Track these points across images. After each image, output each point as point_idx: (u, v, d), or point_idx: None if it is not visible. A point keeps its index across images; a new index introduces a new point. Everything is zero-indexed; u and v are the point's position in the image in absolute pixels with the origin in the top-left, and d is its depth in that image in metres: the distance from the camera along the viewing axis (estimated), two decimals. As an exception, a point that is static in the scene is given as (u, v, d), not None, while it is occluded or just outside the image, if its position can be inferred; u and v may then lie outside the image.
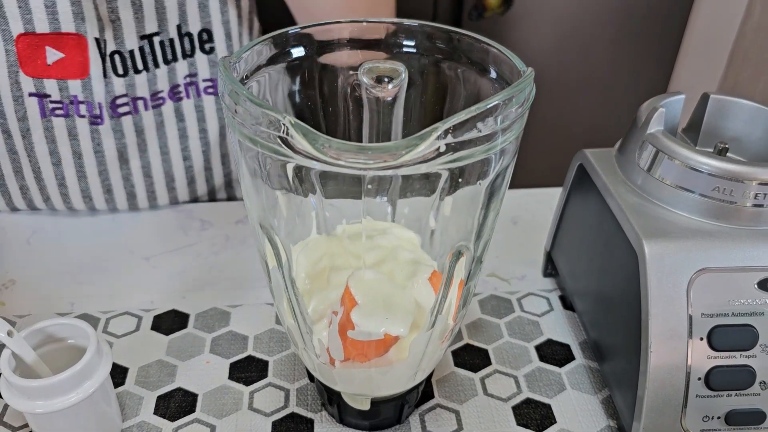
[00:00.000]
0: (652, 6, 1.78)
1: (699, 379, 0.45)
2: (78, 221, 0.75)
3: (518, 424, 0.52)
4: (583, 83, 1.88)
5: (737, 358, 0.45)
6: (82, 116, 0.68)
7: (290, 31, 0.45)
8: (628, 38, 1.83)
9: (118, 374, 0.55)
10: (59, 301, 0.63)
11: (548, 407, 0.53)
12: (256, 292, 0.64)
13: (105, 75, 0.66)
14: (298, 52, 0.46)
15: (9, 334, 0.45)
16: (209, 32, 0.70)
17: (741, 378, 0.45)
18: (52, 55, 0.64)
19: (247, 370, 0.56)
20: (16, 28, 0.63)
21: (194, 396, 0.54)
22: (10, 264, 0.68)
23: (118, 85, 0.68)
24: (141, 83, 0.69)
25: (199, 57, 0.71)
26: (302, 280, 0.47)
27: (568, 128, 1.91)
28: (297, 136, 0.33)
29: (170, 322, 0.61)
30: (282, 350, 0.58)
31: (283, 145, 0.34)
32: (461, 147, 0.34)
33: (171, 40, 0.68)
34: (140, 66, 0.68)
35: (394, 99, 0.45)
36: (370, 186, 0.45)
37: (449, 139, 0.34)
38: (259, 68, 0.44)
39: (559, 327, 0.61)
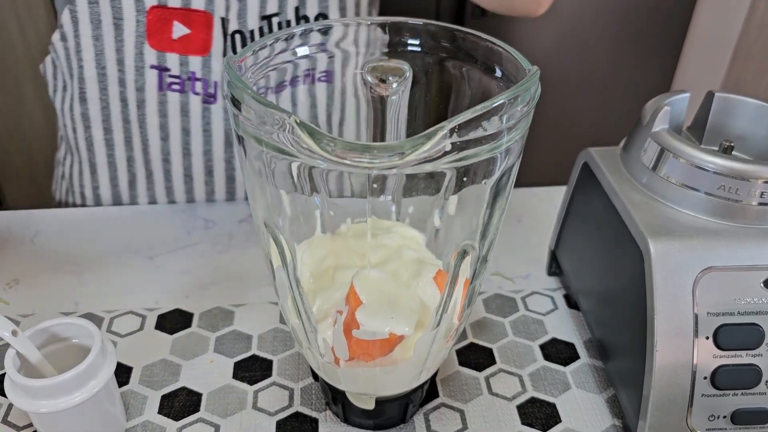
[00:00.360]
0: (654, 4, 1.78)
1: (705, 378, 0.45)
2: (81, 220, 0.75)
3: (523, 423, 0.52)
4: (586, 81, 1.88)
5: (743, 357, 0.45)
6: (197, 93, 0.70)
7: (295, 30, 0.45)
8: (631, 36, 1.83)
9: (123, 373, 0.55)
10: (63, 300, 0.63)
11: (553, 406, 0.53)
12: (260, 290, 0.64)
13: (224, 54, 0.68)
14: (303, 51, 0.46)
15: (13, 333, 0.45)
16: (326, 17, 0.71)
17: (747, 377, 0.45)
18: (179, 30, 0.67)
19: (252, 370, 0.56)
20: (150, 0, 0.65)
21: (198, 395, 0.54)
22: (14, 263, 0.68)
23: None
24: None
25: None
26: (307, 279, 0.47)
27: (571, 126, 1.91)
28: (302, 135, 0.33)
29: (174, 321, 0.61)
30: (286, 349, 0.58)
31: (288, 144, 0.34)
32: (467, 146, 0.34)
33: (288, 22, 0.69)
34: None
35: (399, 98, 0.45)
36: (375, 185, 0.45)
37: (455, 138, 0.33)
38: (264, 66, 0.44)
39: (563, 326, 0.61)
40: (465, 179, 0.40)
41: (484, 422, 0.52)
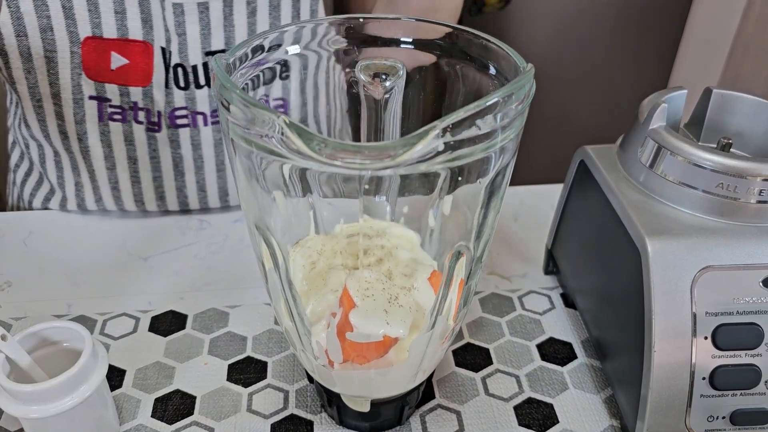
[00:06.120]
0: (651, 0, 1.77)
1: (703, 378, 0.44)
2: (75, 222, 0.74)
3: (520, 424, 0.51)
4: (583, 78, 1.87)
5: (742, 357, 0.44)
6: (140, 122, 0.68)
7: (286, 28, 0.45)
8: (628, 32, 1.82)
9: (116, 376, 0.55)
10: (56, 302, 0.62)
11: (550, 407, 0.53)
12: (255, 291, 0.64)
13: (167, 85, 0.66)
14: (294, 49, 0.46)
15: (3, 338, 0.44)
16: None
17: (746, 377, 0.44)
18: (117, 60, 0.64)
19: (246, 372, 0.55)
20: (84, 30, 0.63)
21: (192, 398, 0.53)
22: (6, 265, 0.67)
23: (179, 96, 0.67)
24: (202, 98, 0.67)
25: None
26: (299, 281, 0.46)
27: (568, 124, 1.90)
28: (292, 136, 0.32)
29: (168, 323, 0.60)
30: (281, 351, 0.57)
31: (278, 146, 0.33)
32: (460, 145, 0.34)
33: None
34: (202, 81, 0.66)
35: (392, 96, 0.45)
36: (367, 186, 0.44)
37: (448, 137, 0.33)
38: (254, 66, 0.43)
39: (560, 325, 0.60)
40: (459, 179, 0.39)
41: (480, 423, 0.51)
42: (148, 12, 0.62)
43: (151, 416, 0.51)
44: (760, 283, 0.44)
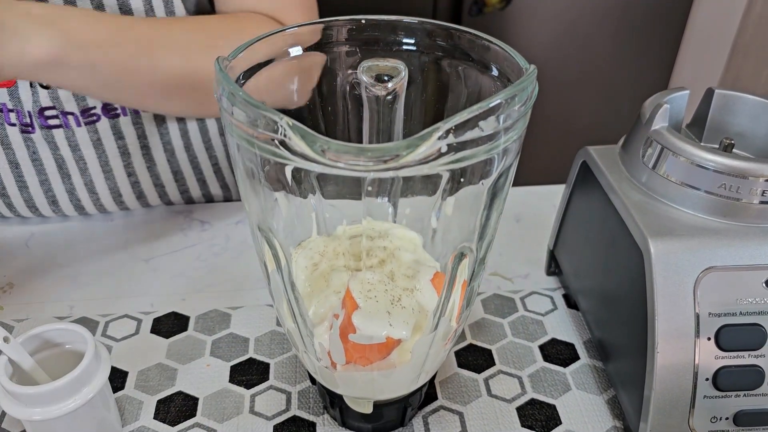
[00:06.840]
0: (652, 0, 1.77)
1: (707, 379, 0.44)
2: (77, 224, 0.74)
3: (523, 425, 0.51)
4: (585, 79, 1.87)
5: (745, 358, 0.44)
6: (13, 124, 0.66)
7: (287, 30, 0.45)
8: (630, 33, 1.82)
9: (118, 378, 0.55)
10: (58, 304, 0.63)
11: (553, 408, 0.53)
12: (257, 293, 0.64)
13: (31, 84, 0.63)
14: (296, 51, 0.46)
15: (5, 340, 0.44)
16: None
17: (749, 378, 0.44)
18: None
19: (248, 373, 0.55)
20: None
21: (195, 400, 0.53)
22: (8, 267, 0.67)
23: (44, 96, 0.64)
24: (67, 98, 0.65)
25: None
26: (302, 282, 0.46)
27: (570, 124, 1.91)
28: (295, 138, 0.32)
29: (170, 324, 0.60)
30: (283, 352, 0.57)
31: (281, 147, 0.33)
32: (463, 147, 0.33)
33: None
34: None
35: (395, 97, 0.45)
36: (370, 187, 0.44)
37: (450, 139, 0.33)
38: (256, 68, 0.43)
39: (563, 326, 0.60)
40: (462, 180, 0.39)
41: (483, 425, 0.51)
42: None
43: (154, 418, 0.51)
44: (763, 284, 0.44)
